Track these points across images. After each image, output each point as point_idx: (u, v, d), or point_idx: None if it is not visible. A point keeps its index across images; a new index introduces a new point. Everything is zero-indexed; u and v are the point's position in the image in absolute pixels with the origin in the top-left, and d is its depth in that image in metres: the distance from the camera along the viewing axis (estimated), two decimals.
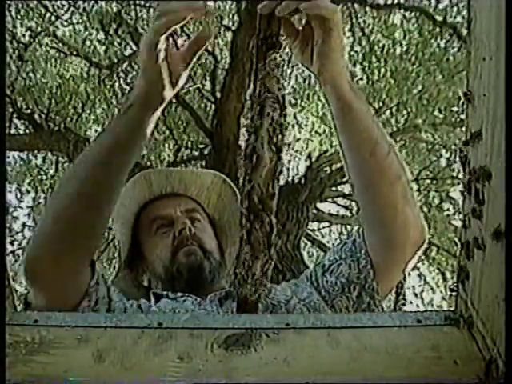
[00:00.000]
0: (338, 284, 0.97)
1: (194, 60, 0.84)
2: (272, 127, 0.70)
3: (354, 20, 4.70)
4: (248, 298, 0.69)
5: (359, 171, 0.87)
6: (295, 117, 5.28)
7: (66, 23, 4.71)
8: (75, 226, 0.83)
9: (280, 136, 0.70)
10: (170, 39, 0.81)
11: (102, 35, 4.72)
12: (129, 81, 5.01)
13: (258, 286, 0.69)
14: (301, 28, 0.83)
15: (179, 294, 1.03)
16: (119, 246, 1.20)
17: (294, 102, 5.32)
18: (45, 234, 0.85)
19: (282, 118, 0.71)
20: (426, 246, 0.91)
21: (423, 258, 5.05)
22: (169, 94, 0.84)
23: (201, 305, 1.00)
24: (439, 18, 4.28)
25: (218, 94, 4.38)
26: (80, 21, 4.70)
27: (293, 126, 5.35)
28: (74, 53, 4.79)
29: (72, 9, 4.63)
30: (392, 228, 0.88)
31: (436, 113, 4.46)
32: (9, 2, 4.04)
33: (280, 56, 0.76)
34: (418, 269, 5.09)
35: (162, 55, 0.78)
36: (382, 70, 4.57)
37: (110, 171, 0.84)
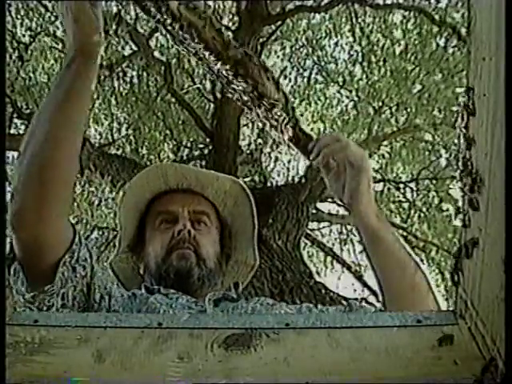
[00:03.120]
0: None
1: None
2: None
3: (353, 20, 4.70)
4: None
5: (391, 286, 0.97)
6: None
7: None
8: (49, 165, 0.86)
9: None
10: None
11: None
12: (128, 80, 5.02)
13: None
14: (335, 165, 0.97)
15: (171, 290, 1.03)
16: (121, 231, 1.20)
17: (293, 101, 5.32)
18: (25, 180, 0.87)
19: None
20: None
21: (423, 257, 5.06)
22: (101, 38, 0.92)
23: (197, 304, 1.00)
24: (438, 18, 4.28)
25: (218, 94, 4.38)
26: None
27: None
28: None
29: None
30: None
31: (436, 112, 4.46)
32: (9, 1, 4.04)
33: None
34: None
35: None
36: (382, 70, 4.57)
37: (67, 117, 0.88)
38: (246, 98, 0.90)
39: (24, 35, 4.55)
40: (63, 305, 0.91)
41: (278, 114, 0.92)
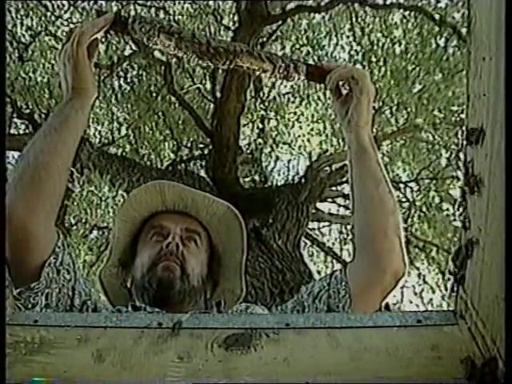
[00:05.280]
0: (324, 310, 1.01)
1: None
2: None
3: (353, 20, 4.70)
4: None
5: (364, 200, 1.05)
6: (295, 114, 5.29)
7: (66, 23, 4.71)
8: (42, 170, 0.96)
9: None
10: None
11: (101, 35, 4.71)
12: (129, 80, 5.02)
13: None
14: (345, 92, 1.10)
15: (156, 309, 1.04)
16: (114, 243, 1.22)
17: (293, 101, 5.32)
18: (21, 176, 0.96)
19: None
20: (403, 281, 1.03)
21: (423, 257, 5.06)
22: (95, 85, 1.09)
23: None
24: (439, 18, 4.28)
25: (218, 94, 4.38)
26: (80, 20, 4.70)
27: (293, 126, 5.36)
28: None
29: (72, 8, 4.64)
30: (380, 251, 1.01)
31: (436, 112, 4.46)
32: (9, 1, 4.04)
33: None
34: (418, 269, 5.09)
35: (91, 52, 1.06)
36: (382, 70, 4.57)
37: (61, 137, 1.01)
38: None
39: (24, 35, 4.55)
40: (47, 304, 0.94)
41: (285, 67, 1.06)
